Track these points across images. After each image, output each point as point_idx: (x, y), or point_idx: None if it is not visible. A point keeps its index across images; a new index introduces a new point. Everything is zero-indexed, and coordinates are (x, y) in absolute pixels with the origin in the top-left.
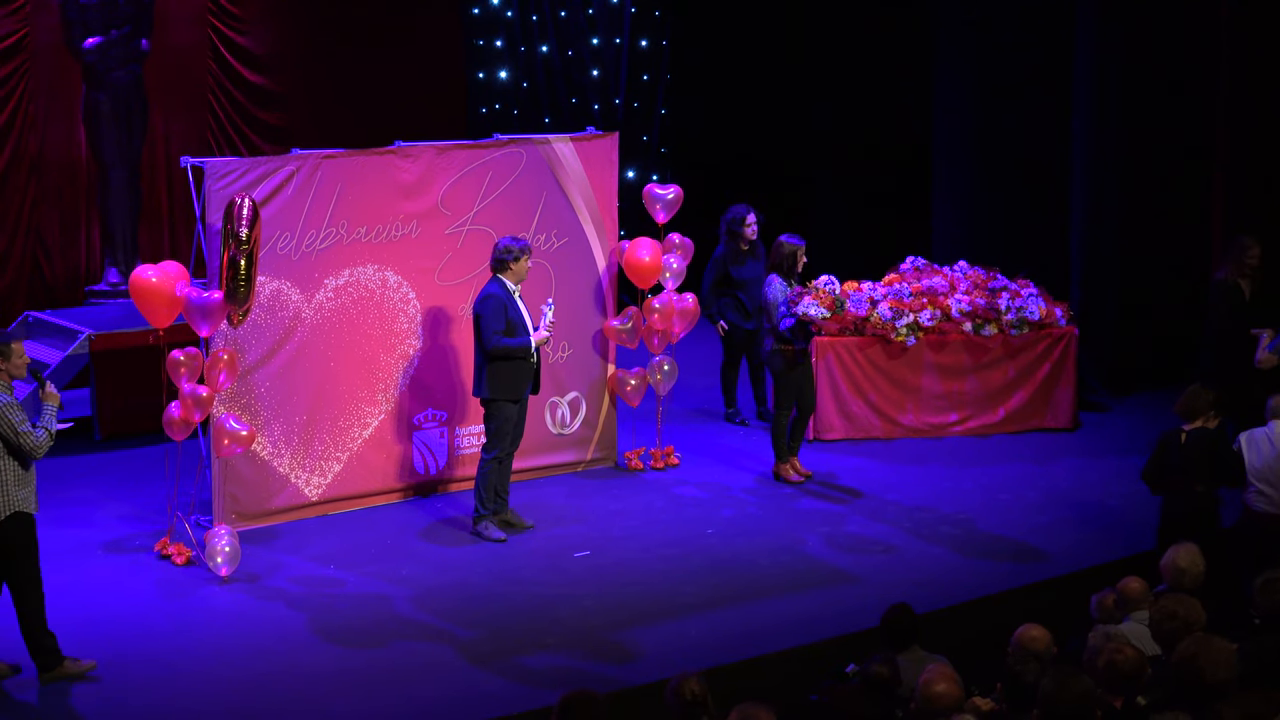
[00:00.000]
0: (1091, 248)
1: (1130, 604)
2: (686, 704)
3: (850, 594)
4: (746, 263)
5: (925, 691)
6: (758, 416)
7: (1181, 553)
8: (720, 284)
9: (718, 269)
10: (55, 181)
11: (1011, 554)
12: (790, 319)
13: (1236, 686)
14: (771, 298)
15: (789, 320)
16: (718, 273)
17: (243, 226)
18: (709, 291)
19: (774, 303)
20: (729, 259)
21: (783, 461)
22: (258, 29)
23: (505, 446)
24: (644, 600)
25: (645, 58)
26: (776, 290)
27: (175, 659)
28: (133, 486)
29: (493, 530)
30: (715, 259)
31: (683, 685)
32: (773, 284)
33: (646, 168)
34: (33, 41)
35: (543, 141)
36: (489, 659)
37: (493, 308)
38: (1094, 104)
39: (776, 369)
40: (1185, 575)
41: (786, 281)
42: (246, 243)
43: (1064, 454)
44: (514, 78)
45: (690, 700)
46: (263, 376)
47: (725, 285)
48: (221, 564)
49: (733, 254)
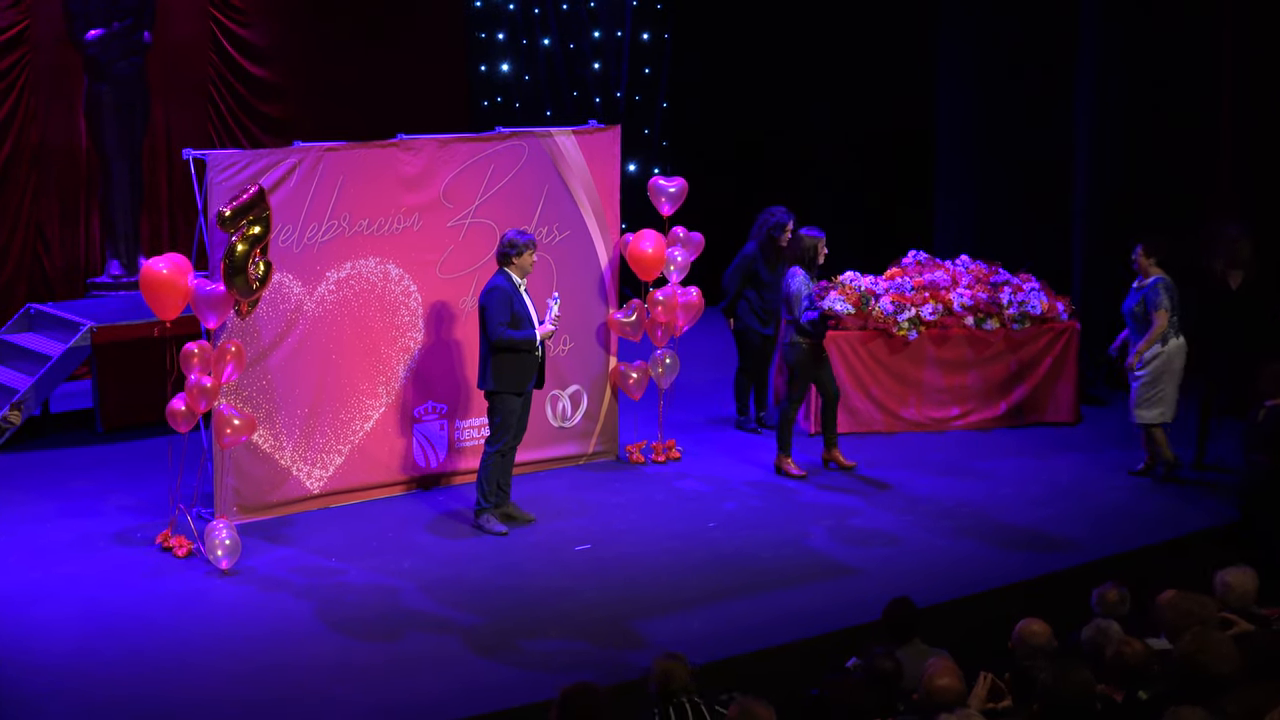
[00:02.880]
0: (1093, 242)
1: None
2: (664, 685)
3: (852, 587)
4: (775, 266)
5: (928, 685)
6: (765, 425)
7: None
8: (746, 283)
9: (747, 266)
10: (56, 174)
11: (1013, 548)
12: (814, 312)
13: (1241, 679)
14: (795, 290)
15: (813, 314)
16: (748, 270)
17: (228, 205)
18: (735, 286)
19: (797, 295)
20: (762, 260)
21: (785, 455)
22: (259, 21)
23: (509, 439)
24: (645, 593)
25: (647, 51)
26: (800, 283)
27: (177, 651)
28: (134, 479)
29: (494, 523)
30: (746, 255)
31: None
32: (795, 277)
33: (648, 161)
34: (34, 34)
35: (545, 134)
36: (491, 651)
37: (498, 300)
38: (1096, 98)
39: (792, 361)
40: (1232, 592)
41: (809, 274)
42: (232, 223)
43: (1066, 448)
44: (516, 71)
45: (667, 680)
46: (264, 369)
47: (750, 285)
48: (222, 556)
49: (767, 256)
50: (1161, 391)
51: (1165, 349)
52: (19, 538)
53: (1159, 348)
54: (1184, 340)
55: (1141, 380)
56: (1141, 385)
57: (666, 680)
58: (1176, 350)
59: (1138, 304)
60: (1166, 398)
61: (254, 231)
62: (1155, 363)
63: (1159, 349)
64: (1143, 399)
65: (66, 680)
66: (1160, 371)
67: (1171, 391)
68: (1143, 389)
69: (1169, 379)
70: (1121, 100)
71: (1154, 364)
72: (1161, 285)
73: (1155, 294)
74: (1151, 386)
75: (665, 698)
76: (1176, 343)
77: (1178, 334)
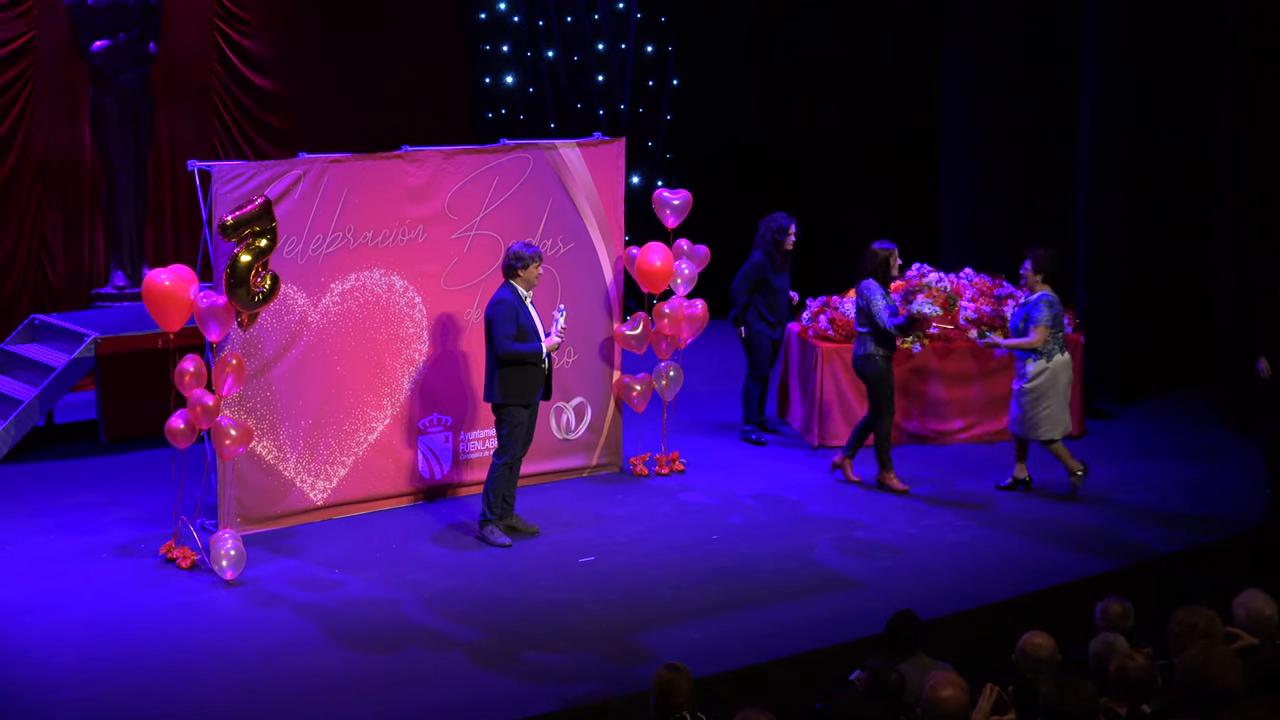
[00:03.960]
0: (1097, 255)
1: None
2: (664, 698)
3: (856, 600)
4: (782, 271)
5: (931, 697)
6: (766, 429)
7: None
8: (755, 290)
9: (757, 274)
10: (60, 184)
11: (1017, 560)
12: (900, 318)
13: (1243, 693)
14: (875, 300)
15: (899, 319)
16: (757, 278)
17: (231, 214)
18: (745, 295)
19: (879, 305)
20: (770, 266)
21: (886, 470)
22: (264, 33)
23: (518, 451)
24: (649, 606)
25: (650, 63)
26: (877, 294)
27: (179, 662)
28: (138, 490)
29: (498, 535)
30: (754, 263)
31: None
32: (871, 290)
33: (652, 173)
34: (39, 44)
35: (549, 147)
36: (494, 663)
37: (504, 313)
38: (1099, 109)
39: (869, 372)
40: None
41: (883, 286)
42: (234, 232)
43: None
44: (520, 83)
45: (667, 693)
46: (269, 380)
47: (759, 292)
48: (227, 567)
49: (773, 262)
50: (1048, 409)
51: (1050, 365)
52: (22, 548)
53: (1044, 363)
54: (1068, 356)
55: (1026, 398)
56: (1027, 404)
57: (667, 693)
58: (1061, 366)
59: (1021, 320)
60: (1054, 415)
61: (260, 244)
62: (1040, 379)
63: (1044, 365)
64: (1029, 418)
65: (69, 691)
66: (1046, 388)
67: (1059, 409)
68: (1028, 408)
69: (1055, 395)
70: (1124, 111)
71: (1038, 381)
72: (1045, 301)
73: (1038, 310)
74: (1036, 405)
75: (666, 711)
76: (1061, 359)
77: (1062, 350)
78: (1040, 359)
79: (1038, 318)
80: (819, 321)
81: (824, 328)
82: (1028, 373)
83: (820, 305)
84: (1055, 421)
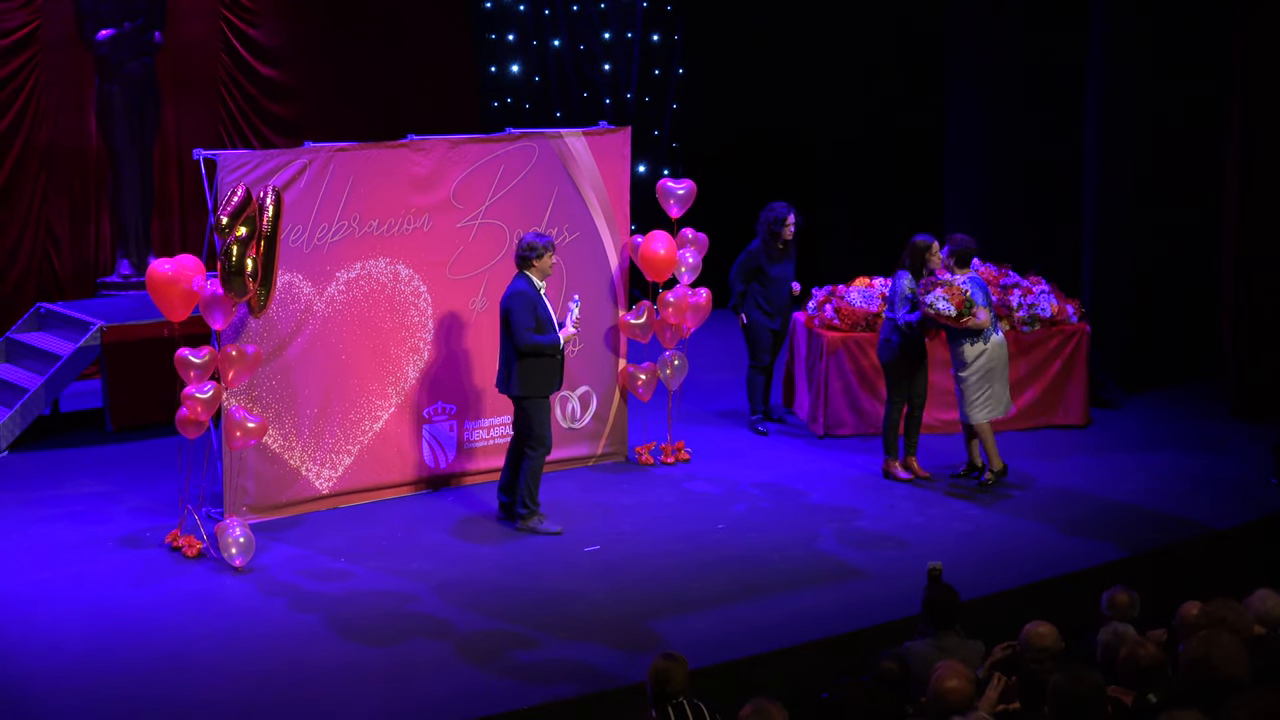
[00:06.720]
0: (1103, 245)
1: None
2: (661, 686)
3: (861, 589)
4: (780, 261)
5: (937, 687)
6: (771, 418)
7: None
8: (751, 278)
9: (753, 262)
10: (65, 174)
11: (1022, 550)
12: (916, 314)
13: (1249, 683)
14: (899, 290)
15: (914, 315)
16: (752, 266)
17: (224, 212)
18: (741, 283)
19: (901, 296)
20: (766, 255)
21: (892, 457)
22: (270, 22)
23: (548, 441)
24: (654, 595)
25: (657, 52)
26: (904, 284)
27: (184, 651)
28: (144, 479)
29: (547, 524)
30: (751, 251)
31: (656, 667)
32: (900, 278)
33: (658, 162)
34: (45, 34)
35: (555, 136)
36: (500, 652)
37: (522, 304)
38: (1107, 102)
39: (886, 360)
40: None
41: (915, 278)
42: (226, 229)
43: (1075, 450)
44: (526, 72)
45: (664, 681)
46: (274, 369)
47: (756, 280)
48: (236, 554)
49: (770, 251)
50: (991, 390)
51: (987, 346)
52: (28, 537)
53: (982, 345)
54: (1004, 336)
55: (968, 382)
56: (969, 386)
57: (664, 681)
58: (998, 346)
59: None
60: (996, 394)
61: (240, 233)
62: (979, 362)
63: (983, 347)
64: (971, 400)
65: (74, 680)
66: (987, 369)
67: (1000, 388)
68: (970, 390)
69: (997, 374)
70: (1132, 101)
71: (978, 363)
72: (972, 282)
73: (973, 293)
74: (979, 387)
75: (663, 699)
76: (997, 339)
77: (997, 330)
78: (979, 341)
79: (976, 300)
80: (825, 311)
81: (830, 317)
82: (967, 359)
83: (826, 294)
84: (998, 400)
